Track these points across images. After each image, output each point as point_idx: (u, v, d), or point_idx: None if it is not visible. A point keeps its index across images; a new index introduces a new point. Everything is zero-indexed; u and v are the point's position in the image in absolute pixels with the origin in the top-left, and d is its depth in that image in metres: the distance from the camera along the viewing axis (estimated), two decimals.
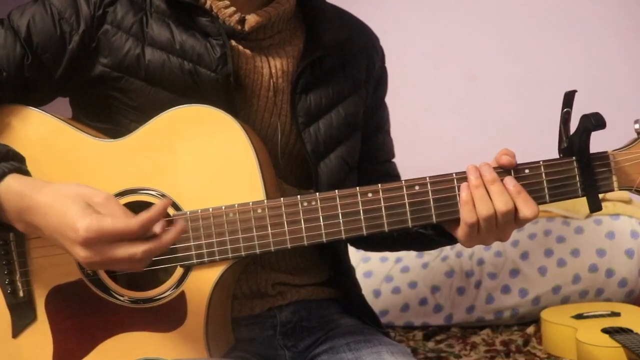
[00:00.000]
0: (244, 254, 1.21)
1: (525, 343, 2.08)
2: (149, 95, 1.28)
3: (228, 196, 1.21)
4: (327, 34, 1.38)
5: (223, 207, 1.21)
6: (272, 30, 1.36)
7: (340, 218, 1.19)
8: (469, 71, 2.82)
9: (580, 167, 1.17)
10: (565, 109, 1.17)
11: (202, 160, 1.23)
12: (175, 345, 1.23)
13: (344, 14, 1.51)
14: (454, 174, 1.19)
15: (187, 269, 1.23)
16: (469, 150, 2.71)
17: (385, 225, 1.19)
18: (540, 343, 2.07)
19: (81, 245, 1.04)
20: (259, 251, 1.21)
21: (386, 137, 1.56)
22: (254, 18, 1.32)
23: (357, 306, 1.48)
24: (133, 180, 1.24)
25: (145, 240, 1.06)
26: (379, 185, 1.19)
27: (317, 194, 1.20)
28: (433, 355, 2.01)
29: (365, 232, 1.20)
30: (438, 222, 1.20)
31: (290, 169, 1.39)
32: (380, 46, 1.53)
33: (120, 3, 1.28)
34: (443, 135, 2.83)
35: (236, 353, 1.32)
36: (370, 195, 1.19)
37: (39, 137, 1.27)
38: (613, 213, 2.36)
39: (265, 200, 1.21)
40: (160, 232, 1.06)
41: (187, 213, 1.21)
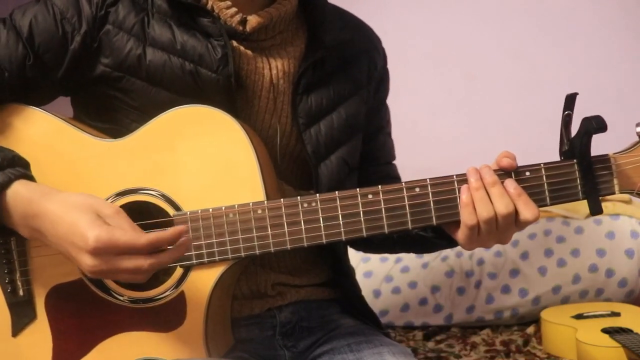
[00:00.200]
0: (243, 254, 1.21)
1: (525, 343, 2.08)
2: (150, 96, 1.28)
3: (228, 197, 1.21)
4: (329, 34, 1.38)
5: (223, 208, 1.21)
6: (274, 31, 1.36)
7: (340, 219, 1.19)
8: (469, 71, 2.82)
9: (581, 170, 1.17)
10: (566, 112, 1.16)
11: (203, 160, 1.23)
12: (174, 345, 1.23)
13: (346, 14, 1.50)
14: (455, 176, 1.19)
15: (187, 269, 1.23)
16: (469, 150, 2.73)
17: (385, 226, 1.19)
18: (540, 343, 2.07)
19: (89, 253, 1.06)
20: (258, 252, 1.21)
21: (387, 139, 1.56)
22: (255, 19, 1.31)
23: (357, 307, 1.48)
24: (133, 180, 1.24)
25: (153, 255, 1.08)
26: (379, 186, 1.19)
27: (317, 195, 1.20)
28: (433, 355, 2.01)
29: (365, 234, 1.20)
30: (438, 224, 1.20)
31: (291, 169, 1.39)
32: (382, 47, 1.53)
33: (122, 3, 1.28)
34: (443, 135, 2.83)
35: (235, 353, 1.32)
36: (370, 196, 1.19)
37: (40, 137, 1.27)
38: (613, 213, 2.35)
39: (265, 201, 1.21)
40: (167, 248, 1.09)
41: (187, 213, 1.21)
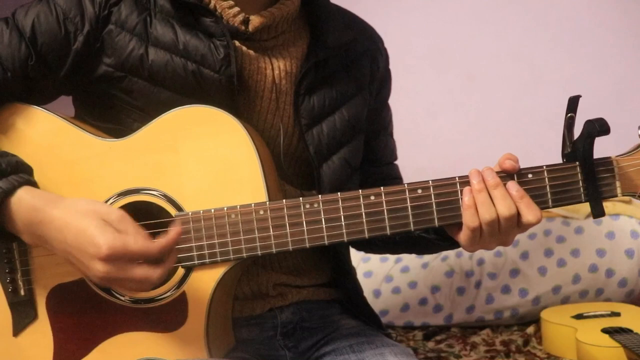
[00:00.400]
0: (245, 255, 1.21)
1: (525, 343, 2.08)
2: (152, 95, 1.28)
3: (230, 197, 1.21)
4: (331, 35, 1.38)
5: (225, 208, 1.21)
6: (276, 31, 1.35)
7: (343, 220, 1.19)
8: (469, 71, 2.82)
9: (583, 173, 1.17)
10: (569, 114, 1.16)
11: (205, 160, 1.23)
12: (175, 345, 1.23)
13: (348, 15, 1.50)
14: (457, 178, 1.19)
15: (189, 270, 1.23)
16: (469, 150, 2.73)
17: (388, 228, 1.19)
18: (540, 343, 2.07)
19: (102, 260, 1.06)
20: (260, 252, 1.21)
21: (389, 139, 1.56)
22: (258, 19, 1.31)
23: (359, 307, 1.48)
24: (135, 180, 1.24)
25: (160, 264, 1.09)
26: (382, 188, 1.19)
27: (320, 196, 1.20)
28: (433, 355, 2.01)
29: (367, 235, 1.19)
30: (440, 226, 1.20)
31: (293, 170, 1.39)
32: (384, 48, 1.53)
33: (125, 3, 1.28)
34: (443, 135, 2.83)
35: (237, 353, 1.32)
36: (372, 198, 1.19)
37: (41, 136, 1.27)
38: (613, 213, 2.35)
39: (267, 202, 1.21)
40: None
41: (189, 214, 1.21)
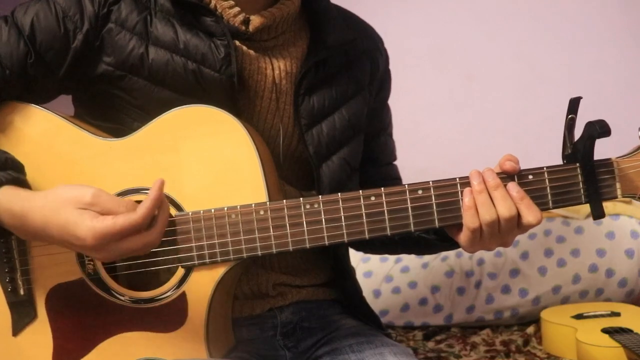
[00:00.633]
0: (245, 255, 1.21)
1: (525, 343, 2.08)
2: (152, 95, 1.28)
3: (230, 197, 1.21)
4: (331, 35, 1.38)
5: (225, 208, 1.20)
6: (276, 31, 1.35)
7: (343, 221, 1.19)
8: (469, 71, 2.82)
9: (584, 174, 1.17)
10: (570, 115, 1.16)
11: (205, 160, 1.23)
12: (175, 345, 1.23)
13: (348, 15, 1.50)
14: (457, 179, 1.19)
15: (189, 270, 1.22)
16: (469, 150, 2.73)
17: (388, 228, 1.19)
18: (540, 343, 2.07)
19: (92, 250, 1.08)
20: (260, 253, 1.21)
21: (388, 140, 1.56)
22: (258, 19, 1.31)
23: (358, 307, 1.48)
24: (135, 180, 1.24)
25: (153, 226, 1.09)
26: (382, 188, 1.19)
27: (320, 196, 1.20)
28: (433, 355, 2.01)
29: (367, 236, 1.19)
30: (440, 227, 1.20)
31: (292, 170, 1.39)
32: (384, 48, 1.53)
33: (125, 2, 1.28)
34: (443, 135, 2.83)
35: (236, 353, 1.32)
36: (373, 198, 1.19)
37: (40, 135, 1.26)
38: (613, 213, 2.35)
39: (267, 202, 1.20)
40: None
41: (189, 213, 1.21)
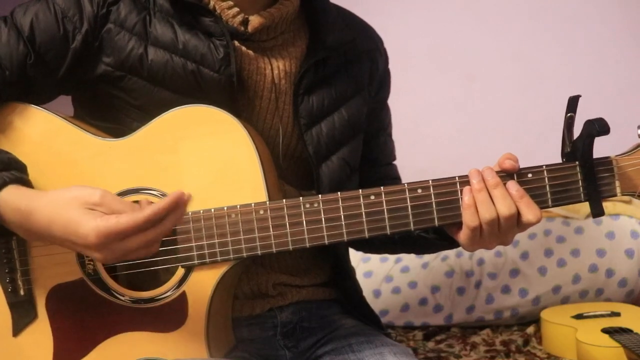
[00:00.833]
0: (245, 254, 1.21)
1: (525, 343, 2.08)
2: (152, 95, 1.28)
3: (230, 197, 1.21)
4: (331, 35, 1.38)
5: (225, 208, 1.21)
6: (276, 32, 1.35)
7: (343, 220, 1.19)
8: (469, 72, 2.82)
9: (583, 172, 1.17)
10: (569, 114, 1.16)
11: (205, 160, 1.23)
12: (175, 345, 1.23)
13: (348, 15, 1.50)
14: (457, 178, 1.19)
15: (189, 270, 1.22)
16: (469, 150, 2.73)
17: (388, 227, 1.19)
18: (540, 343, 2.07)
19: (94, 249, 1.07)
20: (260, 252, 1.21)
21: (388, 139, 1.56)
22: (257, 19, 1.31)
23: (358, 307, 1.48)
24: (135, 180, 1.24)
25: (157, 226, 1.08)
26: (382, 187, 1.19)
27: (320, 195, 1.20)
28: (433, 355, 2.01)
29: (367, 235, 1.19)
30: (440, 226, 1.20)
31: (292, 170, 1.39)
32: (383, 48, 1.53)
33: (124, 2, 1.28)
34: (443, 135, 2.83)
35: (237, 353, 1.32)
36: (372, 197, 1.19)
37: (41, 136, 1.26)
38: (613, 213, 2.35)
39: (267, 202, 1.21)
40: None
41: (189, 213, 1.21)
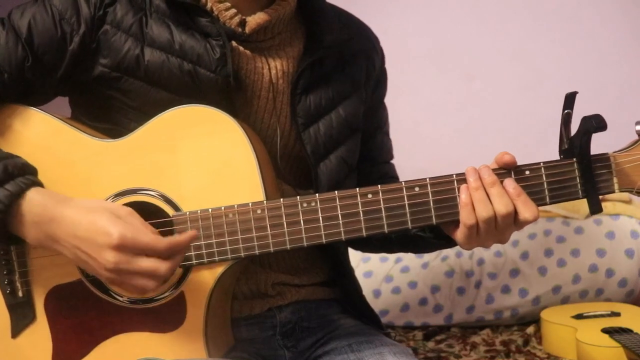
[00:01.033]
0: (243, 254, 1.21)
1: (525, 343, 2.08)
2: (149, 96, 1.28)
3: (227, 197, 1.21)
4: (328, 34, 1.38)
5: (222, 208, 1.21)
6: (273, 32, 1.35)
7: (340, 219, 1.19)
8: (469, 71, 2.82)
9: (580, 169, 1.17)
10: (566, 111, 1.16)
11: (202, 160, 1.23)
12: (174, 345, 1.23)
13: (345, 14, 1.50)
14: (454, 176, 1.19)
15: (187, 270, 1.22)
16: (468, 150, 2.73)
17: (385, 226, 1.19)
18: (540, 343, 2.07)
19: (113, 249, 1.06)
20: (258, 252, 1.21)
21: (385, 138, 1.56)
22: (254, 20, 1.31)
23: (358, 307, 1.48)
24: (132, 180, 1.24)
25: (168, 260, 1.09)
26: (379, 186, 1.19)
27: (317, 194, 1.20)
28: (433, 355, 2.01)
29: (365, 233, 1.19)
30: (438, 224, 1.20)
31: (290, 169, 1.39)
32: (380, 47, 1.53)
33: (120, 3, 1.28)
34: (443, 135, 2.83)
35: (236, 353, 1.31)
36: (370, 196, 1.19)
37: (39, 137, 1.27)
38: (613, 213, 2.35)
39: (264, 201, 1.20)
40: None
41: (187, 214, 1.21)
